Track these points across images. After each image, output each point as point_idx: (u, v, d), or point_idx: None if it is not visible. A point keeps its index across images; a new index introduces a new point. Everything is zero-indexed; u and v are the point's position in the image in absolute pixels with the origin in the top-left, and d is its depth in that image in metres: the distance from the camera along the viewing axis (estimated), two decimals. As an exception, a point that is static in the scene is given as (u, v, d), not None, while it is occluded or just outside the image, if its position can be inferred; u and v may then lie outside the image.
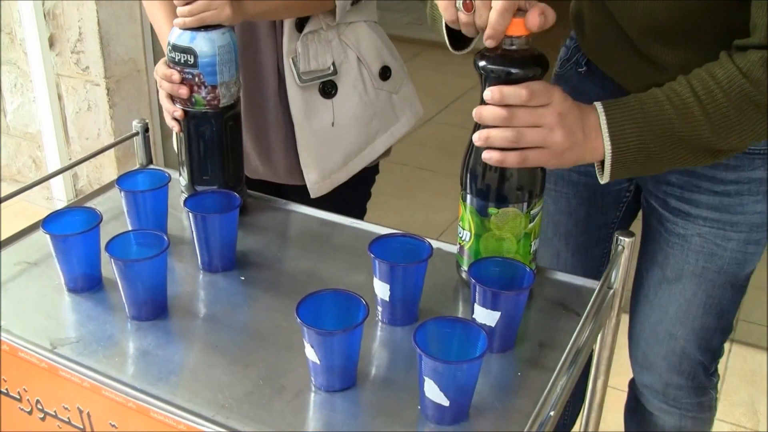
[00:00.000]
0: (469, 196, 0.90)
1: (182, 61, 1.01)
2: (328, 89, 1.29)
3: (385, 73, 1.35)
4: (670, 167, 0.90)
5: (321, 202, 1.31)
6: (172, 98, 1.05)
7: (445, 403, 0.74)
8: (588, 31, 1.15)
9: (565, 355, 0.79)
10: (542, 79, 0.84)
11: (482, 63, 0.83)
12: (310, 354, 0.78)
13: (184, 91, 1.02)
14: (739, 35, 0.88)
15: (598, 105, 0.87)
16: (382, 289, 0.88)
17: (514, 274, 0.86)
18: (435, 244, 0.98)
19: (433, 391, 0.74)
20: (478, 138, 0.84)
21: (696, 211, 1.08)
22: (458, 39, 0.95)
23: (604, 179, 0.90)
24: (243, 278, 0.99)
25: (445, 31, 0.92)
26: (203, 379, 0.82)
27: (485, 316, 0.83)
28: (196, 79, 1.01)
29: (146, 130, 1.20)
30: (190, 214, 0.96)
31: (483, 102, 0.84)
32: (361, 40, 1.31)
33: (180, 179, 1.11)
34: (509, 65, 0.82)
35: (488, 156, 0.84)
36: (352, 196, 1.40)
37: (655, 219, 1.15)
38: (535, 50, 0.84)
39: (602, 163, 0.89)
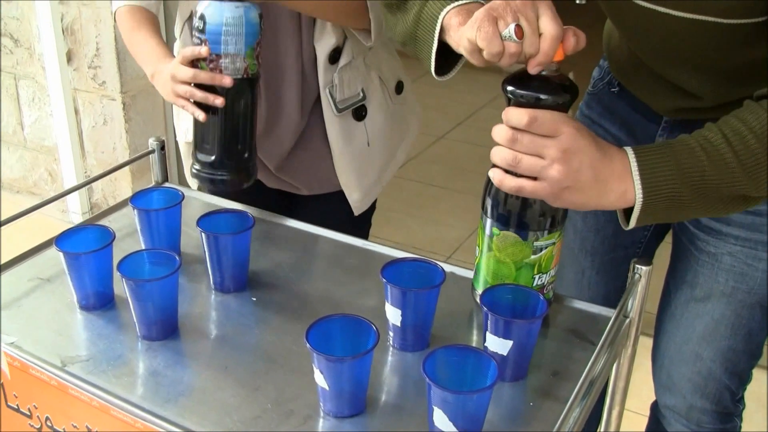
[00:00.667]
0: (483, 215, 0.91)
1: (196, 26, 1.04)
2: (361, 113, 1.32)
3: (399, 87, 1.39)
4: (697, 216, 0.87)
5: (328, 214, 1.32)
6: (202, 86, 1.05)
7: (455, 432, 0.73)
8: (617, 55, 1.15)
9: (579, 385, 0.77)
10: (570, 106, 0.83)
11: (511, 88, 0.83)
12: (319, 379, 0.77)
13: (227, 81, 1.03)
14: (751, 60, 0.86)
15: (629, 150, 0.84)
16: (393, 315, 0.87)
17: (527, 302, 0.85)
18: (448, 268, 0.98)
19: (441, 420, 0.73)
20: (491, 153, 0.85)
21: (727, 229, 1.06)
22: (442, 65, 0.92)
23: (629, 226, 0.86)
24: (254, 299, 0.98)
25: (433, 56, 0.89)
26: (212, 401, 0.81)
27: (498, 345, 0.82)
28: (203, 45, 1.04)
29: (162, 147, 1.21)
30: (203, 234, 0.95)
31: None
32: (382, 61, 1.35)
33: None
34: (539, 91, 0.81)
35: (491, 174, 0.85)
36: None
37: (686, 237, 1.14)
38: (564, 77, 0.83)
39: (625, 209, 0.86)
